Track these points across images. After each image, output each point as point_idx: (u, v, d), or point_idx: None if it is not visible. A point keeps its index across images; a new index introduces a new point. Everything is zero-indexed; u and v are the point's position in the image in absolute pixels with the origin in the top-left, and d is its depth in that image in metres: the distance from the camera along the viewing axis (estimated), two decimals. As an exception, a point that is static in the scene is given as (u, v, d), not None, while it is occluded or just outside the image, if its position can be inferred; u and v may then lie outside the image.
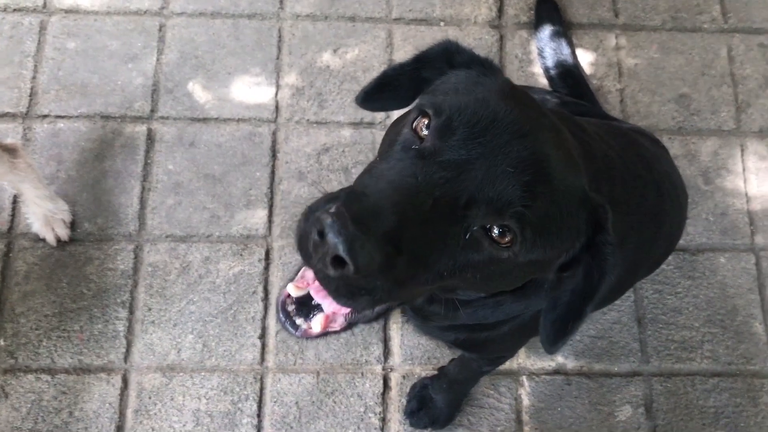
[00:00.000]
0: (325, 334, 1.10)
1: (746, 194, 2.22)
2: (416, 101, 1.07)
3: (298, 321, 1.08)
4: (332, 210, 0.80)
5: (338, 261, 0.79)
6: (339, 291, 0.85)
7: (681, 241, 2.11)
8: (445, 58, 1.07)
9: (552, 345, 1.05)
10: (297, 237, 0.87)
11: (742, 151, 2.27)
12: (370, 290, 0.84)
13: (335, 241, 0.78)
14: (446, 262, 0.89)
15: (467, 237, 0.88)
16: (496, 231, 0.89)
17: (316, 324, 1.07)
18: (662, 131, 2.24)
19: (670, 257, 2.11)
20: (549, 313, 1.04)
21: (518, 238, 0.88)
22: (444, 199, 0.85)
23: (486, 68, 1.03)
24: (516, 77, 2.30)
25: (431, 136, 0.90)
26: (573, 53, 2.28)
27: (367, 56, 2.26)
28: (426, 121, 0.92)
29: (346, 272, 0.80)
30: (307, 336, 1.09)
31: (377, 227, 0.80)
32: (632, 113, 2.28)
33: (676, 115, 2.30)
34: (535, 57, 2.32)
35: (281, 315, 1.08)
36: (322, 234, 0.80)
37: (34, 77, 2.21)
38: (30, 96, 2.19)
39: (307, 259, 0.85)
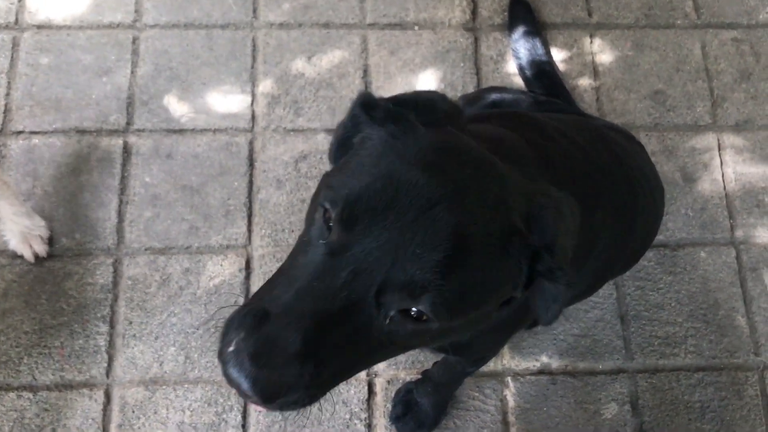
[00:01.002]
0: None
1: (724, 188, 2.23)
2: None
3: None
4: (231, 348, 0.82)
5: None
6: (269, 408, 0.88)
7: (661, 237, 2.12)
8: (365, 113, 1.00)
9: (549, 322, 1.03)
10: (223, 373, 0.88)
11: (719, 145, 2.28)
12: (298, 402, 0.87)
13: (238, 380, 0.81)
14: (378, 345, 0.90)
15: (388, 322, 0.88)
16: (414, 311, 0.88)
17: None
18: (639, 128, 2.24)
19: (650, 253, 2.12)
20: (540, 301, 1.02)
21: (433, 318, 0.87)
22: (354, 294, 0.85)
23: (396, 125, 0.96)
24: (491, 78, 2.30)
25: (335, 231, 0.88)
26: (548, 53, 2.28)
27: (342, 62, 2.26)
28: (328, 215, 0.90)
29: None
30: None
31: (279, 354, 0.81)
32: (608, 111, 2.28)
33: (652, 111, 2.30)
34: (510, 58, 2.32)
35: None
36: (227, 374, 0.83)
37: (7, 94, 2.19)
38: (4, 113, 2.17)
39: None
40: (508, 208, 0.93)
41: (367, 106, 0.98)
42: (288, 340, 0.82)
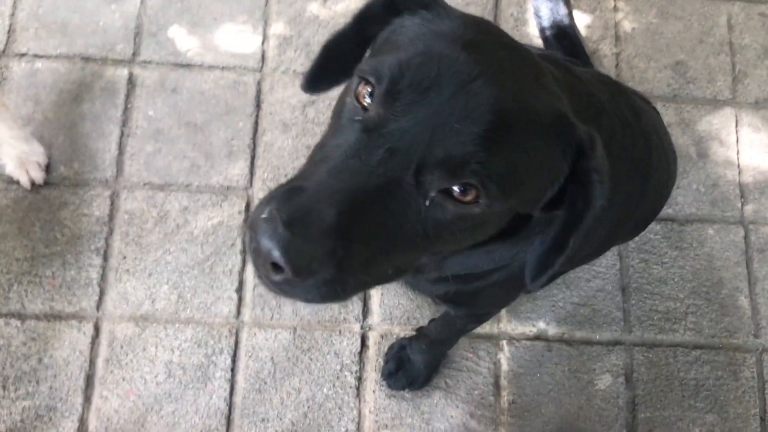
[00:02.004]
0: None
1: (738, 166, 2.18)
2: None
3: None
4: (264, 215, 0.78)
5: (277, 266, 0.77)
6: (292, 292, 0.83)
7: (670, 210, 2.08)
8: (386, 6, 0.97)
9: (533, 279, 1.00)
10: (248, 248, 0.83)
11: (737, 121, 2.23)
12: (327, 285, 0.81)
13: (269, 247, 0.76)
14: (413, 232, 0.86)
15: (428, 204, 0.84)
16: (456, 190, 0.84)
17: None
18: (657, 98, 2.19)
19: (657, 226, 2.08)
20: (536, 248, 0.99)
21: (483, 193, 0.83)
22: (391, 173, 0.81)
23: (431, 9, 0.94)
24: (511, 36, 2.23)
25: (375, 105, 0.85)
26: (570, 14, 2.21)
27: (358, 7, 2.19)
28: (369, 89, 0.86)
29: (287, 276, 0.78)
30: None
31: (313, 224, 0.77)
32: (627, 78, 2.23)
33: (671, 82, 2.25)
34: (531, 17, 2.25)
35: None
36: (258, 241, 0.78)
37: (12, 14, 2.13)
38: (8, 33, 2.11)
39: (257, 269, 0.83)
40: (553, 92, 0.91)
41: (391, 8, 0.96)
42: (323, 213, 0.78)
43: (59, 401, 1.84)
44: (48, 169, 1.99)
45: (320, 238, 0.77)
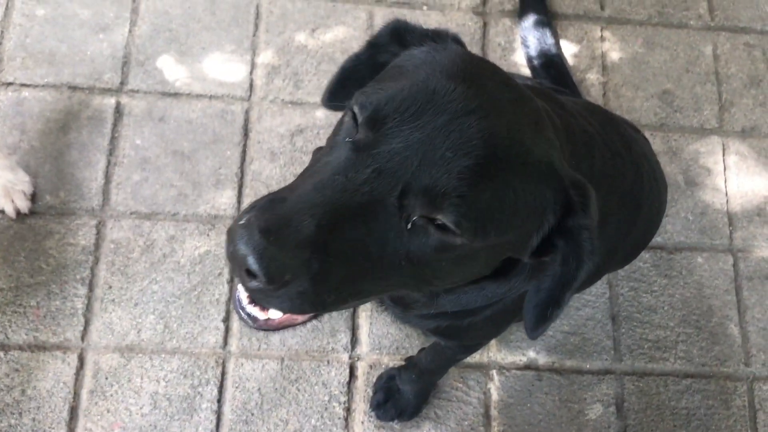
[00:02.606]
0: (288, 325, 1.03)
1: (726, 194, 2.19)
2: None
3: (255, 312, 0.99)
4: (242, 221, 0.80)
5: (252, 272, 0.78)
6: (267, 301, 0.85)
7: (659, 239, 2.08)
8: (396, 38, 0.99)
9: (533, 331, 1.00)
10: (226, 252, 0.84)
11: (724, 150, 2.24)
12: (301, 296, 0.82)
13: (244, 253, 0.77)
14: (395, 254, 0.86)
15: (410, 227, 0.84)
16: (438, 220, 0.83)
17: (275, 313, 1.00)
18: (644, 126, 2.20)
19: (646, 254, 2.08)
20: (532, 298, 0.99)
21: (462, 227, 0.83)
22: (375, 192, 0.82)
23: (437, 42, 0.96)
24: (498, 65, 2.24)
25: (362, 129, 0.85)
26: (557, 44, 2.23)
27: (347, 38, 2.20)
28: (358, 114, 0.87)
29: (261, 284, 0.78)
30: (267, 328, 1.01)
31: (290, 234, 0.78)
32: (615, 107, 2.24)
33: (658, 111, 2.26)
34: (519, 46, 2.27)
35: (237, 306, 0.99)
36: (234, 246, 0.79)
37: (0, 43, 2.13)
38: (-5, 63, 2.11)
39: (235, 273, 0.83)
40: (550, 141, 0.90)
41: (398, 31, 0.98)
42: (301, 224, 0.79)
43: (42, 434, 1.80)
44: (34, 198, 1.97)
45: (296, 249, 0.78)
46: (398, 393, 1.85)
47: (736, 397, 2.00)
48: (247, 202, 2.02)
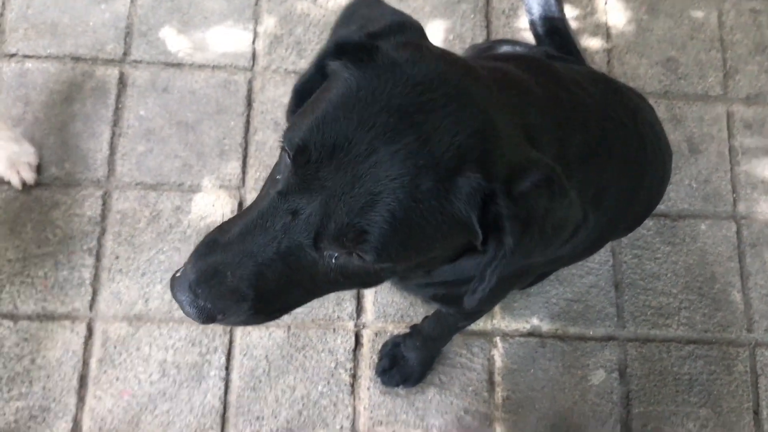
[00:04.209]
0: None
1: (730, 161, 2.19)
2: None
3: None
4: (178, 273, 0.91)
5: None
6: (224, 323, 0.96)
7: (662, 207, 2.09)
8: (339, 53, 0.94)
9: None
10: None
11: (728, 117, 2.23)
12: (248, 316, 0.93)
13: (181, 301, 0.90)
14: (327, 278, 0.92)
15: (334, 261, 0.90)
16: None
17: None
18: (648, 94, 2.18)
19: (650, 222, 2.08)
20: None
21: (381, 259, 0.87)
22: (293, 238, 0.87)
23: (368, 56, 0.90)
24: (501, 33, 2.24)
25: (288, 171, 0.88)
26: (561, 10, 2.21)
27: (347, 4, 2.19)
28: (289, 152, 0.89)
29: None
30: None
31: (216, 285, 0.88)
32: (619, 74, 2.23)
33: (662, 78, 2.25)
34: (522, 13, 2.25)
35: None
36: (174, 295, 0.92)
37: (1, 14, 2.12)
38: (-3, 34, 2.11)
39: None
40: (461, 149, 0.86)
41: (341, 48, 0.93)
42: (226, 275, 0.88)
43: (53, 401, 1.83)
44: (39, 169, 1.98)
45: (221, 298, 0.89)
46: (403, 360, 1.87)
47: (738, 362, 2.02)
48: (251, 172, 2.03)
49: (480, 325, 1.96)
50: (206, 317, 0.90)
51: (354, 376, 1.90)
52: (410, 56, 0.90)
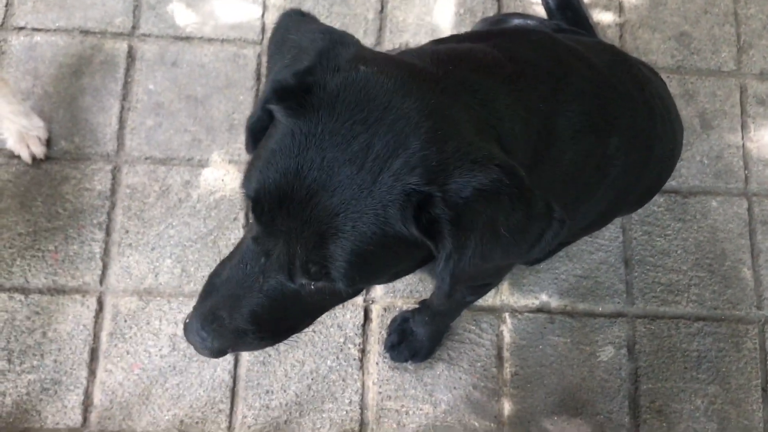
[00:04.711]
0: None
1: (742, 138, 2.17)
2: None
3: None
4: (188, 319, 1.05)
5: None
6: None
7: (673, 183, 2.07)
8: (279, 96, 0.93)
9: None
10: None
11: (741, 93, 2.21)
12: (254, 344, 1.07)
13: (193, 342, 1.04)
14: (313, 303, 1.03)
15: (314, 287, 0.97)
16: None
17: None
18: (661, 69, 2.16)
19: (660, 198, 2.07)
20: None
21: (352, 286, 0.95)
22: (271, 278, 0.97)
23: (296, 101, 0.91)
24: (512, 7, 2.22)
25: (254, 217, 0.96)
26: (573, -16, 2.19)
27: (360, -21, 2.18)
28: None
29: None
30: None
31: (216, 327, 1.01)
32: (631, 49, 2.21)
33: (675, 53, 2.23)
34: (534, -13, 2.23)
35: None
36: (187, 339, 1.07)
37: (10, -13, 2.11)
38: (6, 7, 2.10)
39: None
40: (396, 167, 0.88)
41: (279, 92, 0.93)
42: (223, 317, 1.00)
43: (64, 375, 1.84)
44: (49, 143, 1.98)
45: (225, 336, 1.01)
46: (412, 335, 1.87)
47: (747, 339, 2.01)
48: (261, 146, 2.02)
49: (489, 300, 1.96)
50: (217, 353, 1.05)
51: (363, 351, 1.91)
52: (342, 81, 0.91)
